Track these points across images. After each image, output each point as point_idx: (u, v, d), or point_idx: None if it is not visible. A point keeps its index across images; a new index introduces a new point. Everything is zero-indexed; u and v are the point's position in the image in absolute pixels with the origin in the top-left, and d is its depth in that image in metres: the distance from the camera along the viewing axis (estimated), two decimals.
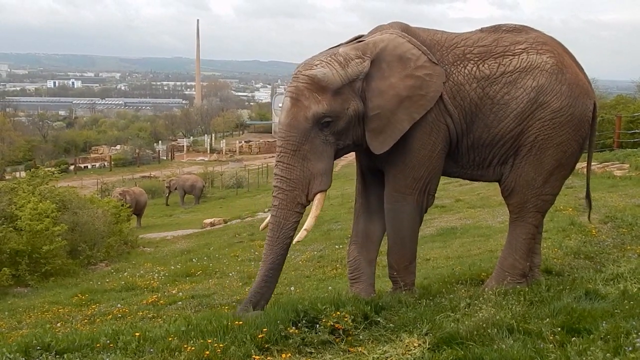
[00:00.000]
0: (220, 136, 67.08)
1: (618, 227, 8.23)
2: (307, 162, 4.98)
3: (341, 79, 4.96)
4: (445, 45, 5.35)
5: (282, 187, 5.02)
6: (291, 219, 5.05)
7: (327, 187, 5.08)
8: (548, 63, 5.27)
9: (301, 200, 5.04)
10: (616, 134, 19.40)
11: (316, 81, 4.93)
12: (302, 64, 5.13)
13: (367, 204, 5.68)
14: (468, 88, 5.21)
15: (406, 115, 5.10)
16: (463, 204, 14.22)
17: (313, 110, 4.90)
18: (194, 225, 21.58)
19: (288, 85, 5.15)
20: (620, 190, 12.01)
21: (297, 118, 4.92)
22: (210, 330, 4.37)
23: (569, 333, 4.13)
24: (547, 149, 5.30)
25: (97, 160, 52.54)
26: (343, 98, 4.99)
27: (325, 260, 10.21)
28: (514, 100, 5.21)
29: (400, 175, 5.27)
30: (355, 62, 5.04)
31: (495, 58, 5.28)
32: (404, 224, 5.36)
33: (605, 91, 34.89)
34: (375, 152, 5.14)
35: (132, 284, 10.02)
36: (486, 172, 5.54)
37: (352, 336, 4.36)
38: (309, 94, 4.93)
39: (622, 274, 5.67)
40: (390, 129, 5.11)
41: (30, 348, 4.13)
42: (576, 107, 5.30)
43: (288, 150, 4.97)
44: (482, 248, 8.78)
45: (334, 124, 4.99)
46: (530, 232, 5.56)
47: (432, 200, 5.48)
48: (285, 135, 4.98)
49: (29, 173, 18.27)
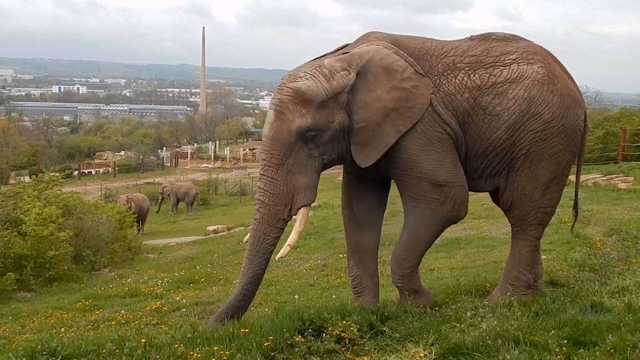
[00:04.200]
0: (225, 143, 67.21)
1: (623, 240, 8.23)
2: (291, 177, 4.90)
3: (326, 92, 4.87)
4: (434, 55, 5.26)
5: (265, 201, 4.95)
6: (272, 234, 4.97)
7: (310, 201, 5.00)
8: (539, 73, 5.22)
9: (283, 215, 4.96)
10: (621, 146, 19.41)
11: (300, 94, 4.83)
12: (287, 75, 5.04)
13: (354, 216, 5.59)
14: (460, 98, 5.13)
15: (392, 127, 5.01)
16: (467, 214, 14.18)
17: (297, 124, 4.80)
18: (197, 232, 21.61)
19: (272, 98, 5.04)
20: (624, 203, 12.02)
21: (280, 131, 4.83)
22: (216, 337, 4.37)
23: (575, 345, 4.14)
24: (540, 161, 5.26)
25: (101, 166, 52.61)
26: (328, 111, 4.89)
27: (329, 269, 10.19)
28: (505, 111, 5.14)
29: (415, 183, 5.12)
30: (340, 74, 4.95)
31: (486, 68, 5.21)
32: (422, 231, 5.22)
33: (609, 104, 34.90)
34: (361, 165, 5.05)
35: (135, 290, 10.01)
36: (478, 182, 5.48)
37: (358, 345, 4.37)
38: (293, 107, 4.83)
39: (628, 287, 5.67)
40: (376, 142, 5.02)
41: (36, 353, 4.13)
42: (568, 117, 5.26)
43: (272, 164, 4.89)
44: (486, 259, 8.77)
45: (318, 137, 4.90)
46: (533, 244, 5.55)
47: (464, 209, 5.35)
48: (269, 149, 4.90)
49: (33, 178, 18.32)
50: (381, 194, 5.61)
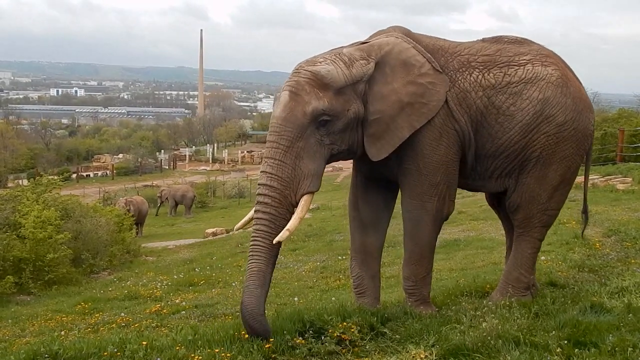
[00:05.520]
0: (223, 146, 67.25)
1: (622, 241, 8.24)
2: (300, 161, 4.67)
3: (345, 79, 4.79)
4: (449, 52, 5.27)
5: (273, 185, 4.63)
6: (286, 217, 4.64)
7: (316, 189, 4.76)
8: (553, 75, 5.23)
9: (292, 200, 4.67)
10: (619, 147, 19.44)
11: (319, 77, 4.73)
12: (304, 61, 4.93)
13: (360, 217, 5.56)
14: (474, 96, 5.13)
15: (406, 122, 4.97)
16: (466, 216, 14.23)
17: (313, 105, 4.65)
18: (196, 235, 21.59)
19: (287, 80, 4.85)
20: (623, 204, 12.03)
21: (294, 112, 4.65)
22: (217, 340, 4.39)
23: (576, 346, 4.14)
24: (551, 164, 5.27)
25: (100, 169, 52.63)
26: (345, 98, 4.80)
27: (328, 271, 10.20)
28: (519, 111, 5.15)
29: (415, 183, 5.12)
30: (359, 63, 4.89)
31: (500, 67, 5.22)
32: (423, 234, 5.22)
33: (607, 105, 34.94)
34: (373, 159, 4.98)
35: (135, 293, 10.03)
36: (488, 182, 5.47)
37: (359, 347, 4.38)
38: (310, 89, 4.69)
39: (627, 287, 5.68)
40: (389, 135, 4.97)
41: (38, 356, 4.15)
42: (580, 121, 5.28)
43: (281, 146, 4.65)
44: (485, 260, 8.78)
45: (331, 124, 4.76)
46: (536, 246, 5.56)
47: (453, 206, 5.32)
48: (279, 130, 4.67)
49: (31, 181, 18.30)
50: (388, 197, 5.55)
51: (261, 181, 4.73)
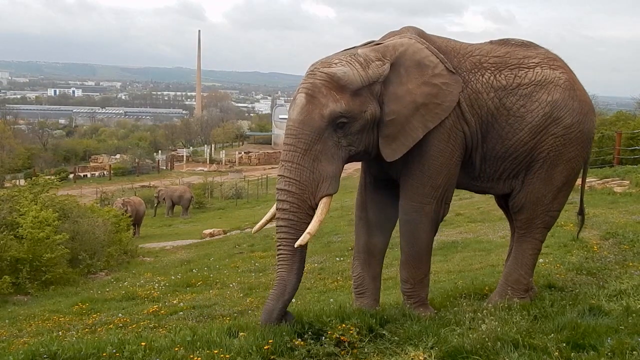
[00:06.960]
0: (220, 147, 67.11)
1: (619, 244, 8.25)
2: (318, 164, 4.68)
3: (362, 80, 4.79)
4: (461, 53, 5.31)
5: (292, 190, 4.65)
6: (307, 221, 4.67)
7: (334, 191, 4.77)
8: (561, 79, 5.30)
9: (311, 203, 4.70)
10: (616, 150, 19.45)
11: (335, 79, 4.72)
12: (319, 61, 4.90)
13: (366, 217, 5.56)
14: (486, 97, 5.17)
15: (420, 123, 4.99)
16: (463, 218, 14.24)
17: (330, 108, 4.65)
18: (193, 236, 21.56)
19: (302, 82, 4.84)
20: (620, 207, 12.06)
21: (311, 115, 4.64)
22: (216, 340, 4.39)
23: (574, 349, 4.16)
24: (557, 165, 5.32)
25: (97, 169, 52.48)
26: (361, 100, 4.79)
27: (325, 272, 10.20)
28: (529, 113, 5.20)
29: (417, 184, 5.13)
30: (375, 64, 4.89)
31: (510, 69, 5.26)
32: (421, 236, 5.24)
33: (605, 107, 35.07)
34: (387, 159, 4.99)
35: (132, 294, 10.01)
36: (496, 184, 5.49)
37: (358, 349, 4.37)
38: (326, 92, 4.68)
39: (625, 290, 5.70)
40: (404, 136, 4.97)
41: (37, 356, 4.15)
42: (585, 123, 5.36)
43: (299, 149, 4.66)
44: (483, 262, 8.80)
45: (348, 126, 4.76)
46: (537, 247, 5.59)
47: (448, 209, 5.36)
48: (296, 133, 4.67)
49: (29, 181, 18.26)
50: (396, 199, 5.50)
51: (279, 186, 4.76)
